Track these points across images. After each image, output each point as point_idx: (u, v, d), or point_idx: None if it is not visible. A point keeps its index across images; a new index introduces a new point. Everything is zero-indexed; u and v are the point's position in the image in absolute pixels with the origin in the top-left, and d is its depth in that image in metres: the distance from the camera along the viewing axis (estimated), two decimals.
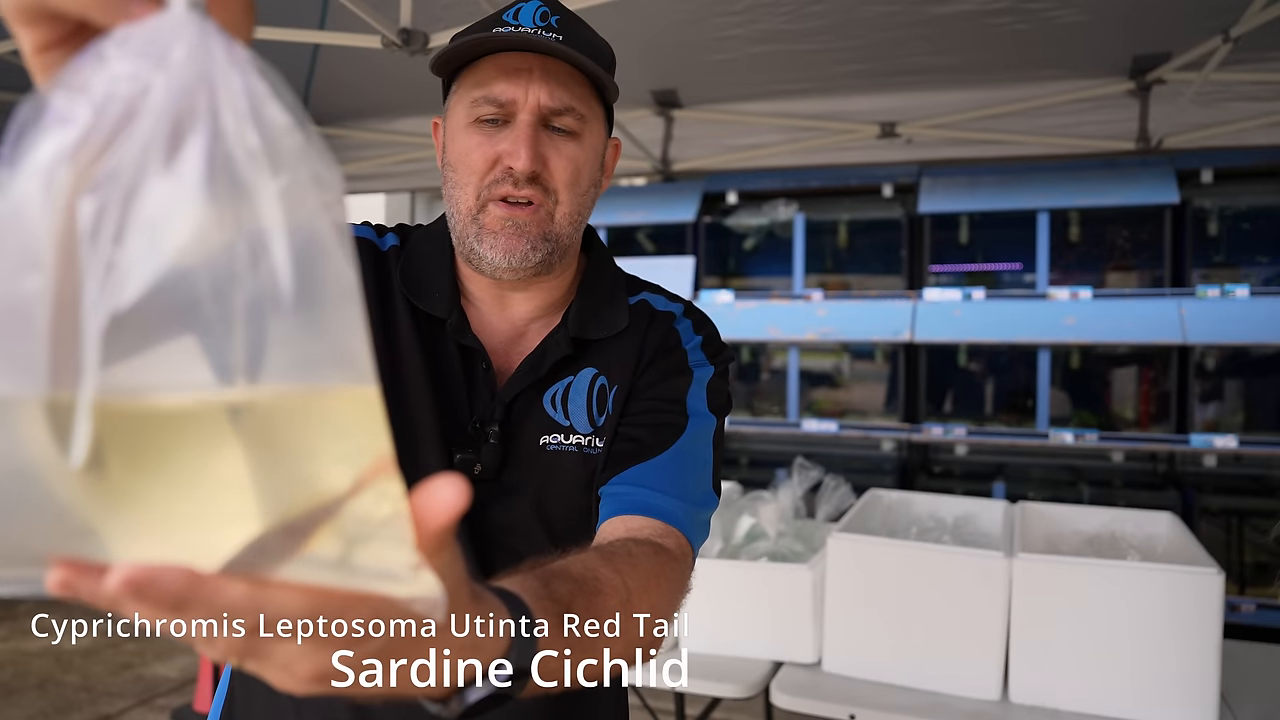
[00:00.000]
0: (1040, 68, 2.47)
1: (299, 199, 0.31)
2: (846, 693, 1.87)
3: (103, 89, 0.30)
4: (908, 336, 3.50)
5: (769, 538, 2.23)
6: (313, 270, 0.31)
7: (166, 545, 0.31)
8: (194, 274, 0.29)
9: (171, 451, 0.30)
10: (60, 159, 0.29)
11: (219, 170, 0.29)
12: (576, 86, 0.81)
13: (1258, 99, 2.42)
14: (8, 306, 0.29)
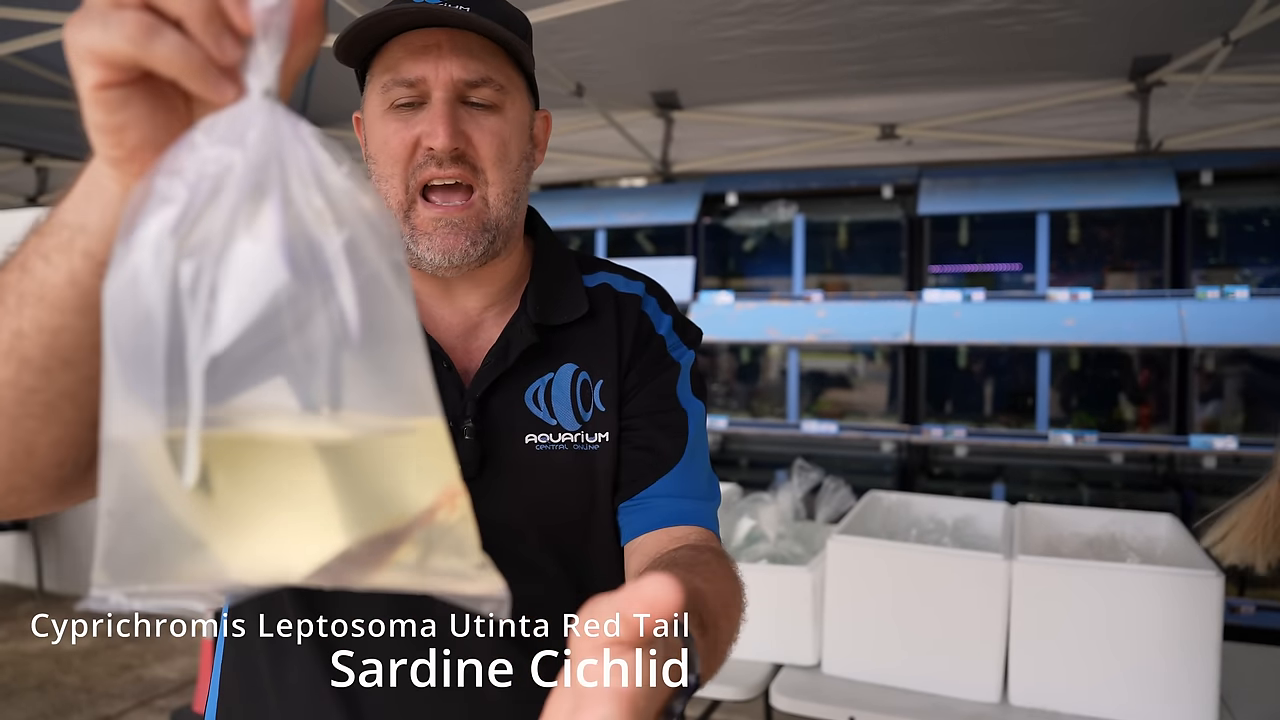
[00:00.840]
0: (1040, 69, 2.47)
1: (360, 249, 0.36)
2: (846, 695, 1.87)
3: (195, 171, 0.36)
4: (907, 338, 3.50)
5: (769, 540, 2.23)
6: (376, 311, 0.36)
7: (264, 555, 0.37)
8: (276, 320, 0.34)
9: (268, 475, 0.36)
10: (164, 232, 0.35)
11: (292, 231, 0.35)
12: (491, 58, 0.78)
13: (1257, 101, 2.42)
14: (131, 359, 0.35)
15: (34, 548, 5.13)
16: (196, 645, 3.78)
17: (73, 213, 0.47)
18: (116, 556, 0.37)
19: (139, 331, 0.35)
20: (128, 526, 0.36)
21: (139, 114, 0.39)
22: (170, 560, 0.37)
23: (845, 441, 3.70)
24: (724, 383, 4.22)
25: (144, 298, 0.35)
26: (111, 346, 0.36)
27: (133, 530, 0.36)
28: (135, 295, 0.35)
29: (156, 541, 0.36)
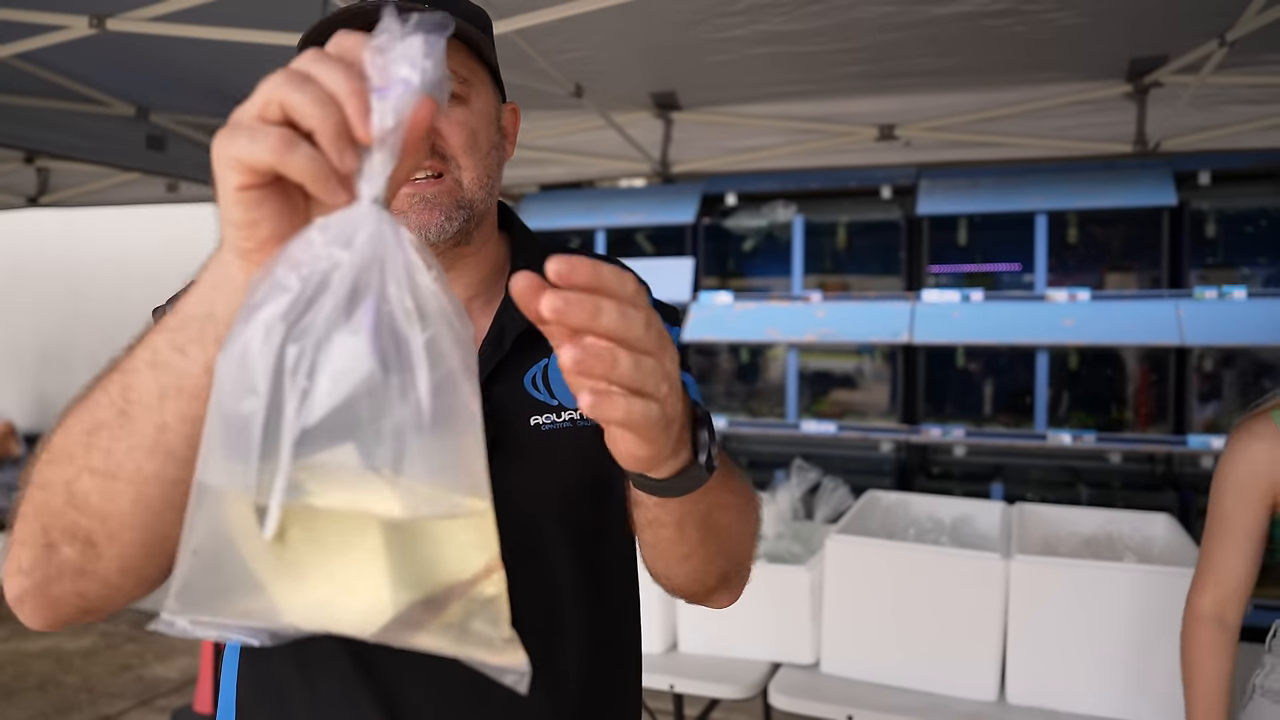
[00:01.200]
0: (1038, 70, 2.48)
1: (438, 346, 0.42)
2: (844, 694, 1.88)
3: (309, 265, 0.42)
4: (906, 338, 3.51)
5: (767, 539, 2.24)
6: (446, 402, 0.41)
7: (319, 606, 0.43)
8: (360, 402, 0.40)
9: (334, 538, 0.42)
10: (276, 316, 0.41)
11: (383, 326, 0.41)
12: (453, 52, 0.80)
13: (1254, 102, 2.42)
14: (233, 420, 0.41)
15: None
16: (196, 645, 3.79)
17: (200, 304, 0.52)
18: (191, 590, 0.43)
19: (242, 398, 0.41)
20: (207, 565, 0.42)
21: (269, 211, 0.46)
22: (237, 599, 0.43)
23: (844, 441, 3.70)
24: (723, 383, 4.23)
25: (250, 370, 0.41)
26: (216, 407, 0.42)
27: (210, 569, 0.42)
28: (243, 366, 0.41)
29: (228, 582, 0.42)
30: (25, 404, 5.35)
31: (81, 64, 2.50)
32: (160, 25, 1.94)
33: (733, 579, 0.81)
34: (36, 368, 5.36)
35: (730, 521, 0.73)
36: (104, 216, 4.83)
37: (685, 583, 0.77)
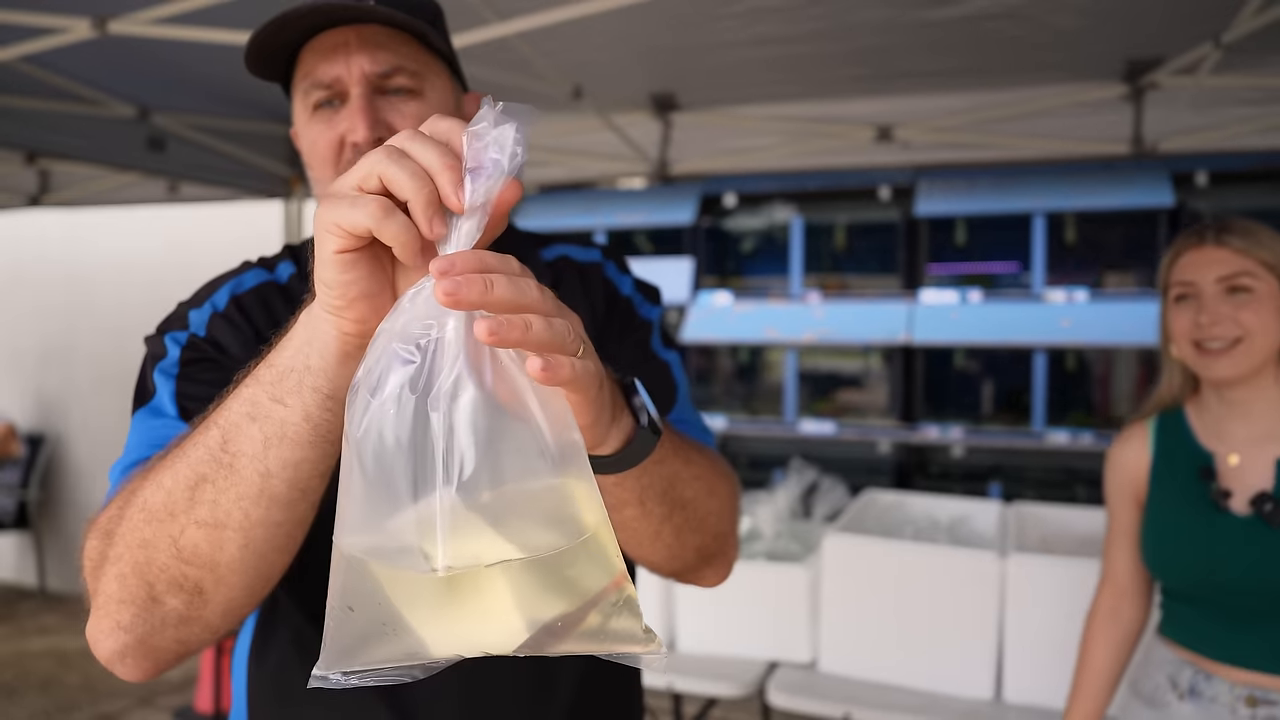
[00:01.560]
0: (1035, 71, 2.49)
1: (542, 389, 0.48)
2: (842, 692, 1.89)
3: (418, 333, 0.47)
4: (905, 338, 3.52)
5: (766, 538, 2.25)
6: (565, 435, 0.48)
7: (464, 640, 0.48)
8: (496, 448, 0.46)
9: (469, 581, 0.46)
10: (404, 386, 0.46)
11: (498, 378, 0.47)
12: (401, 46, 0.79)
13: (1250, 103, 2.43)
14: (375, 484, 0.46)
15: (36, 548, 5.15)
16: None
17: (296, 358, 0.56)
18: (343, 645, 0.47)
19: (383, 464, 0.45)
20: (357, 620, 0.47)
21: (362, 274, 0.51)
22: (388, 645, 0.47)
23: (843, 441, 3.71)
24: (723, 382, 4.24)
25: (388, 438, 0.45)
26: (358, 473, 0.46)
27: (360, 623, 0.47)
28: (381, 436, 0.45)
29: (378, 631, 0.47)
30: (26, 404, 5.36)
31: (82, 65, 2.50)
32: (162, 28, 1.95)
33: (714, 555, 0.81)
34: (37, 368, 5.36)
35: (696, 494, 0.73)
36: (105, 217, 4.84)
37: (665, 561, 0.77)
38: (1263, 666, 1.22)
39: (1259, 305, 1.25)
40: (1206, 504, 1.29)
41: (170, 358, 0.80)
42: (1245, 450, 1.29)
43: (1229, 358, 1.26)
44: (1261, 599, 1.23)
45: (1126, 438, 1.43)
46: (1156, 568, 1.35)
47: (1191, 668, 1.29)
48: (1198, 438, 1.35)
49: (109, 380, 5.09)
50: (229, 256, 0.94)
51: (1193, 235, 1.33)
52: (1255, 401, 1.29)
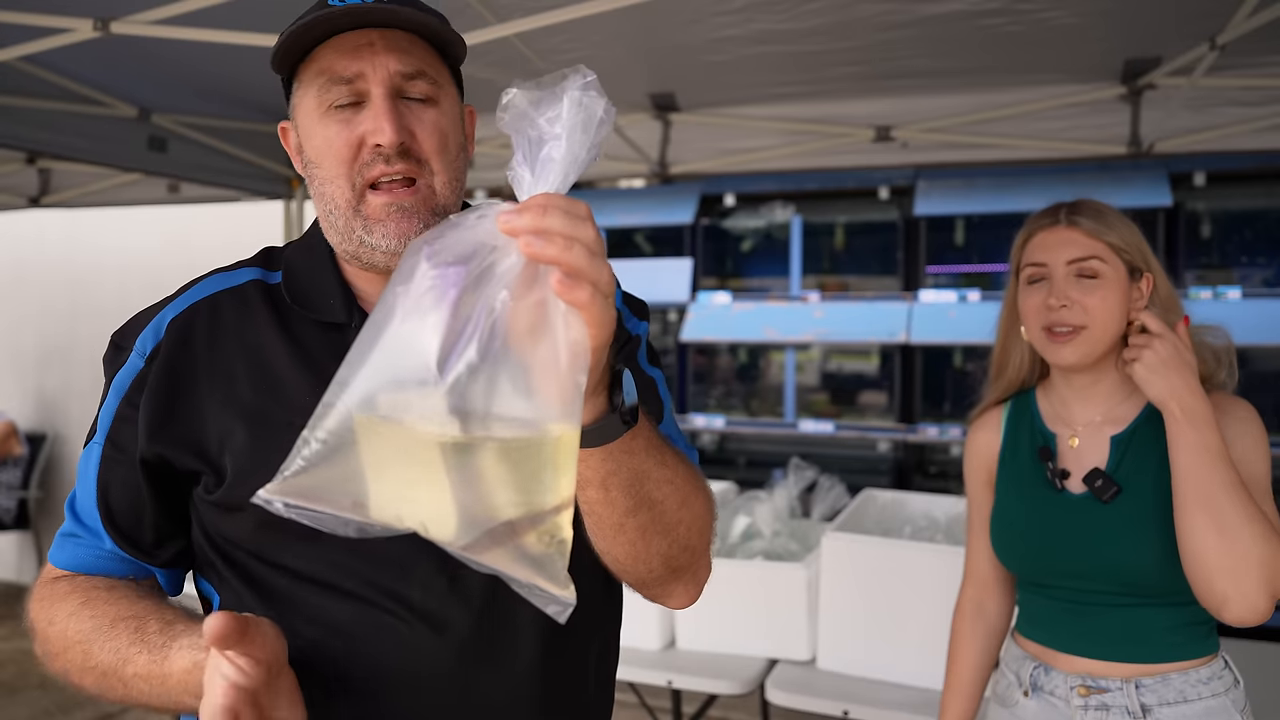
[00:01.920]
0: (1033, 72, 2.50)
1: (531, 276, 0.55)
2: (841, 689, 1.90)
3: (471, 250, 0.55)
4: (904, 338, 3.53)
5: (764, 537, 2.26)
6: (568, 372, 0.53)
7: (403, 507, 0.52)
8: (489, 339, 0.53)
9: (427, 458, 0.51)
10: (445, 280, 0.54)
11: (536, 305, 0.54)
12: (423, 52, 0.80)
13: (1246, 104, 2.44)
14: (396, 357, 0.52)
15: (36, 547, 5.16)
16: None
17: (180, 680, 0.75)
18: (300, 477, 0.51)
19: (402, 333, 0.51)
20: (323, 459, 0.51)
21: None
22: (329, 488, 0.52)
23: (842, 441, 3.72)
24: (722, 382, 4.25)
25: (426, 328, 0.51)
26: (390, 342, 0.52)
27: (324, 464, 0.51)
28: (420, 334, 0.51)
29: (330, 477, 0.51)
30: (26, 403, 5.37)
31: (84, 65, 2.51)
32: (163, 28, 1.96)
33: (683, 570, 0.79)
34: (37, 368, 5.37)
35: (665, 497, 0.72)
36: (105, 217, 4.84)
37: (630, 562, 0.76)
38: (1095, 654, 1.22)
39: (1105, 292, 1.23)
40: (1045, 486, 1.28)
41: (105, 415, 0.87)
42: (1085, 432, 1.28)
43: (1073, 344, 1.24)
44: (1095, 580, 1.22)
45: (981, 423, 1.41)
46: (1000, 552, 1.34)
47: (1033, 662, 1.29)
48: (1044, 420, 1.34)
49: None
50: (229, 256, 0.94)
51: (1045, 215, 1.32)
52: (1097, 384, 1.28)
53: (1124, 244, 1.27)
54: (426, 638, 0.78)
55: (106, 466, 0.84)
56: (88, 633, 0.78)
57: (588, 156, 0.55)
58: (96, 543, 0.84)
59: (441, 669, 0.78)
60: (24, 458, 5.08)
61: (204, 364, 0.83)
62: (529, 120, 0.55)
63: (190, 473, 0.82)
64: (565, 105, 0.54)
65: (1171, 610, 1.21)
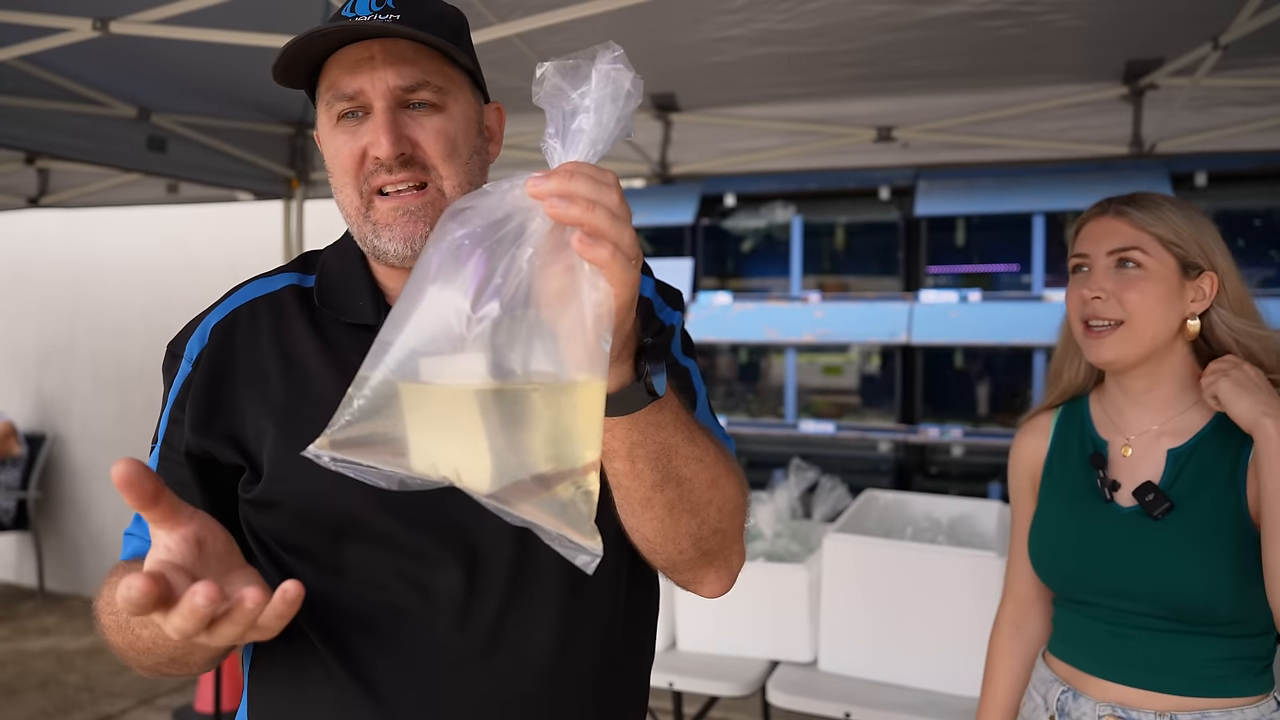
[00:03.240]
0: (1035, 72, 2.50)
1: (555, 238, 0.58)
2: (842, 691, 1.89)
3: (504, 215, 0.58)
4: (904, 338, 3.52)
5: (766, 538, 2.25)
6: (594, 335, 0.56)
7: (443, 461, 0.55)
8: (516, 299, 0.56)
9: (461, 411, 0.55)
10: (481, 237, 0.57)
11: (565, 268, 0.57)
12: (426, 61, 0.81)
13: (1248, 104, 2.44)
14: (429, 323, 0.55)
15: (35, 548, 5.15)
16: None
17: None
18: (345, 430, 0.55)
19: (442, 315, 0.54)
20: (365, 415, 0.54)
21: None
22: (375, 445, 0.55)
23: (842, 441, 3.72)
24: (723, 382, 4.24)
25: (457, 299, 0.55)
26: (414, 293, 0.55)
27: (366, 419, 0.55)
28: (442, 266, 0.55)
29: (373, 431, 0.55)
30: (26, 404, 5.36)
31: (83, 65, 2.51)
32: (163, 28, 1.95)
33: (714, 554, 0.80)
34: (37, 368, 5.36)
35: (694, 475, 0.73)
36: (105, 217, 4.84)
37: (659, 542, 0.76)
38: (1130, 680, 1.14)
39: (1147, 285, 1.14)
40: (1092, 496, 1.20)
41: (164, 419, 0.89)
42: (1139, 442, 1.19)
43: (1108, 340, 1.16)
44: (1137, 601, 1.14)
45: (1029, 428, 1.33)
46: (1037, 563, 1.26)
47: (1061, 685, 1.21)
48: (1095, 426, 1.25)
49: (108, 380, 5.09)
50: (228, 256, 0.95)
51: (1097, 206, 1.24)
52: (1153, 390, 1.19)
53: (1176, 237, 1.16)
54: (450, 631, 0.81)
55: (163, 468, 0.86)
56: (114, 600, 0.78)
57: (617, 128, 0.58)
58: (146, 533, 0.86)
59: (465, 661, 0.81)
60: (23, 458, 5.07)
61: (242, 365, 0.86)
62: (561, 94, 0.57)
63: (234, 467, 0.85)
64: (594, 79, 0.56)
65: (1220, 641, 1.12)
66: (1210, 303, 1.17)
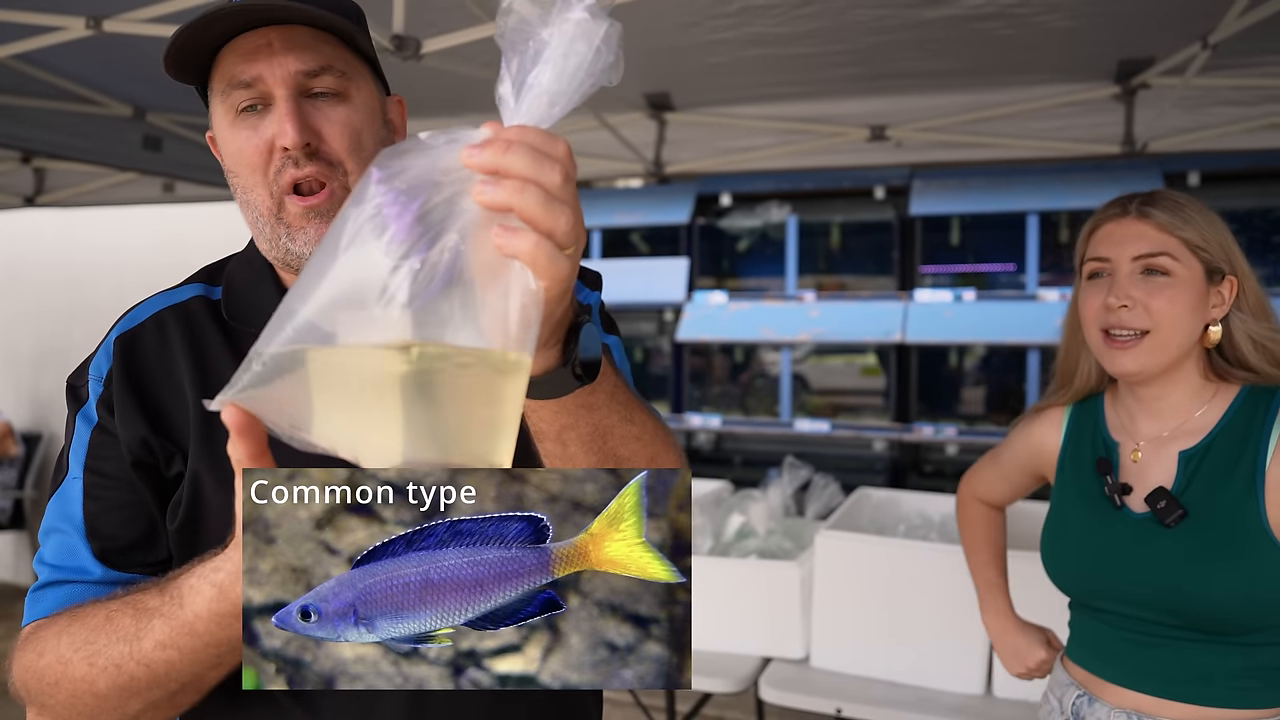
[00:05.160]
0: (1028, 72, 2.51)
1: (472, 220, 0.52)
2: (834, 687, 1.90)
3: (438, 178, 0.51)
4: (899, 337, 3.53)
5: (758, 535, 2.26)
6: (518, 321, 0.51)
7: (345, 436, 0.50)
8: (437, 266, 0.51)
9: (368, 383, 0.50)
10: (403, 203, 0.50)
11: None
12: (326, 46, 0.77)
13: (1238, 104, 2.45)
14: (348, 290, 0.49)
15: (32, 547, 5.15)
16: None
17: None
18: (243, 393, 0.50)
19: (371, 277, 0.49)
20: (264, 380, 0.50)
21: None
22: (274, 414, 0.51)
23: (837, 440, 3.73)
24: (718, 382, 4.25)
25: (381, 261, 0.49)
26: (345, 272, 0.49)
27: (265, 385, 0.50)
28: (370, 266, 0.49)
29: (273, 398, 0.50)
30: (22, 404, 5.36)
31: (78, 64, 2.51)
32: (157, 26, 1.96)
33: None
34: (33, 368, 5.36)
35: (633, 455, 0.70)
36: (101, 216, 4.84)
37: None
38: (1149, 689, 1.11)
39: (1175, 293, 1.10)
40: (1104, 500, 1.17)
41: (79, 440, 0.81)
42: (1150, 446, 1.16)
43: (1133, 352, 1.11)
44: (1153, 610, 1.11)
45: (1041, 418, 1.31)
46: (1050, 567, 1.24)
47: (1077, 689, 1.19)
48: (1108, 428, 1.22)
49: None
50: (224, 254, 0.94)
51: (1115, 205, 1.18)
52: (1167, 397, 1.16)
53: (1203, 241, 1.12)
54: None
55: (91, 496, 0.79)
56: (85, 636, 0.71)
57: (588, 81, 0.51)
58: (83, 575, 0.79)
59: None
60: (19, 458, 5.07)
61: (158, 375, 0.81)
62: (524, 34, 0.50)
63: (175, 479, 0.80)
64: (559, 24, 0.49)
65: (1245, 651, 1.07)
66: (1229, 307, 1.14)
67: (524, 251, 0.49)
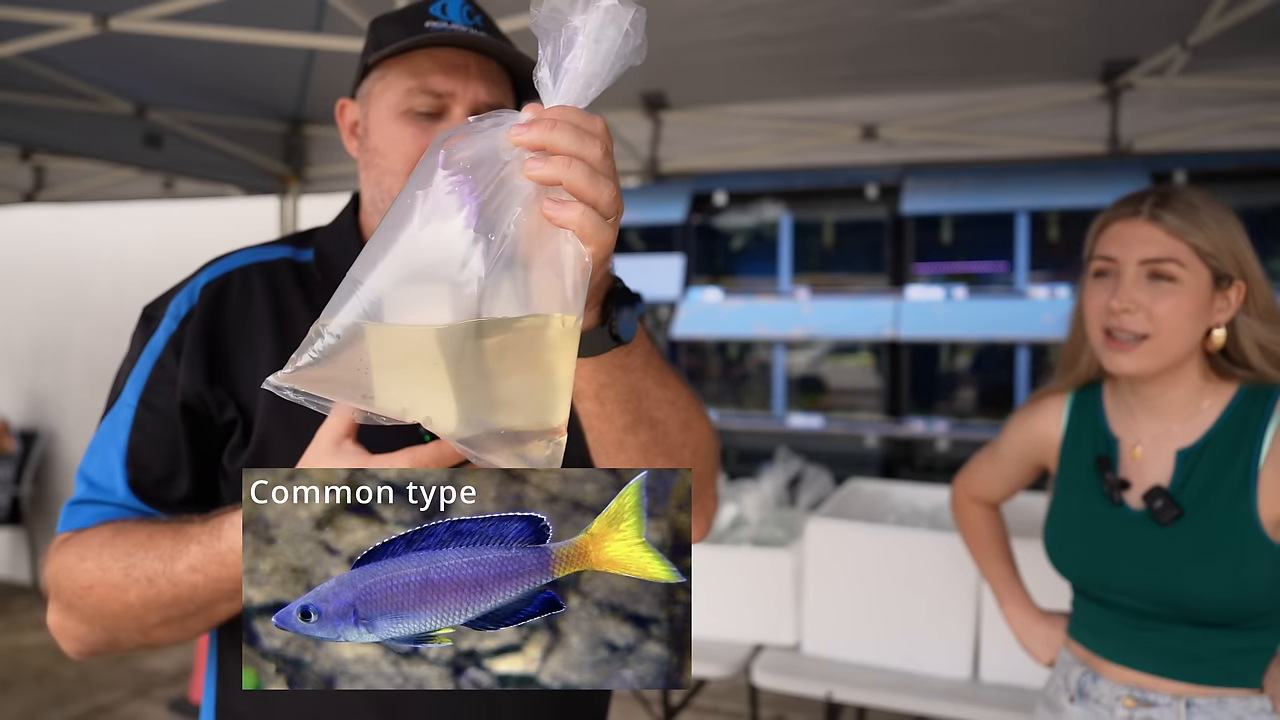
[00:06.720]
0: (1015, 72, 2.55)
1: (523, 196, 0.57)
2: (825, 672, 1.94)
3: (488, 157, 0.55)
4: (891, 334, 3.58)
5: (751, 524, 2.30)
6: (570, 286, 0.55)
7: (402, 402, 0.53)
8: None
9: (417, 355, 0.53)
10: (457, 188, 0.54)
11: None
12: (502, 85, 0.86)
13: (1219, 104, 2.50)
14: (414, 265, 0.53)
15: (29, 543, 5.16)
16: None
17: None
18: (310, 368, 0.53)
19: (437, 251, 0.53)
20: (333, 352, 0.52)
21: None
22: (341, 384, 0.53)
23: (830, 435, 3.78)
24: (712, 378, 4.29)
25: (452, 246, 0.53)
26: (408, 252, 0.53)
27: (333, 356, 0.52)
28: (448, 246, 0.52)
29: (340, 370, 0.53)
30: (19, 400, 5.37)
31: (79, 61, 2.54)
32: (162, 25, 1.99)
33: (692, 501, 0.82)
34: (31, 364, 5.38)
35: (667, 418, 0.76)
36: (100, 213, 4.86)
37: None
38: (1145, 667, 1.14)
39: (1179, 300, 1.09)
40: (1101, 495, 1.19)
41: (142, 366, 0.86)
42: (1149, 442, 1.17)
43: (1133, 354, 1.11)
44: (1149, 601, 1.13)
45: (1042, 406, 1.32)
46: (1053, 557, 1.27)
47: (1082, 667, 1.22)
48: (1109, 421, 1.23)
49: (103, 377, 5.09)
50: (224, 251, 0.97)
51: (1126, 204, 1.16)
52: (1166, 395, 1.16)
53: (1212, 248, 1.10)
54: None
55: (138, 428, 0.84)
56: (126, 549, 0.75)
57: (618, 63, 0.54)
58: (112, 497, 0.84)
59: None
60: (17, 454, 5.09)
61: (236, 328, 0.85)
62: (558, 22, 0.54)
63: (225, 426, 0.84)
64: (594, 14, 0.53)
65: (1239, 634, 1.11)
66: (1235, 311, 1.12)
67: (573, 221, 0.53)
